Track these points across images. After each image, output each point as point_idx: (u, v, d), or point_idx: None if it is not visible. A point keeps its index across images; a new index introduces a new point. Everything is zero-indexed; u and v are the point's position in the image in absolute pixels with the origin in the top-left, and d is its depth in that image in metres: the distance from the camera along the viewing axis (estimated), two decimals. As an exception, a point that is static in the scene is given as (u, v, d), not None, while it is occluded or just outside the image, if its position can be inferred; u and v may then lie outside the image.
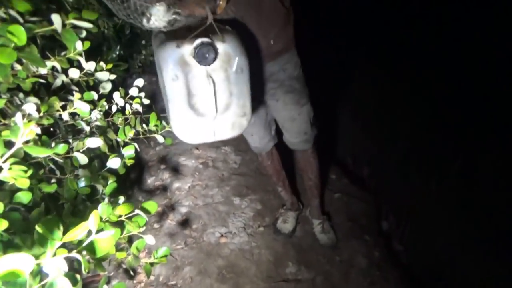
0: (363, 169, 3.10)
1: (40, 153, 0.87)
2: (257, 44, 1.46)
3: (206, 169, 2.59)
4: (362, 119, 3.66)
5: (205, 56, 1.14)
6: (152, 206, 1.18)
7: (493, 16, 3.66)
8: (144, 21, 1.23)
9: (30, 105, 1.00)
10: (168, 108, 1.27)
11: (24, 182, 0.79)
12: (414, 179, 2.92)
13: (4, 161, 0.83)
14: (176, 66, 1.16)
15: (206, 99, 1.22)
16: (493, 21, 3.61)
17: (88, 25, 1.20)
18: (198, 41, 1.14)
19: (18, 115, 0.88)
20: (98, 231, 0.75)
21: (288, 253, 2.00)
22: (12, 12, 0.99)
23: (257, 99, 1.66)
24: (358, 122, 3.63)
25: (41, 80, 1.44)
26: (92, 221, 0.71)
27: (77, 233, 0.69)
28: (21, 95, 1.43)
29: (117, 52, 2.84)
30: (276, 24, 1.45)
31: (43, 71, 1.37)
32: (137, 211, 1.17)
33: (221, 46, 1.18)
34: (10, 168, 0.80)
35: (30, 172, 0.84)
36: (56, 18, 1.07)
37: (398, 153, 3.27)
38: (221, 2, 1.27)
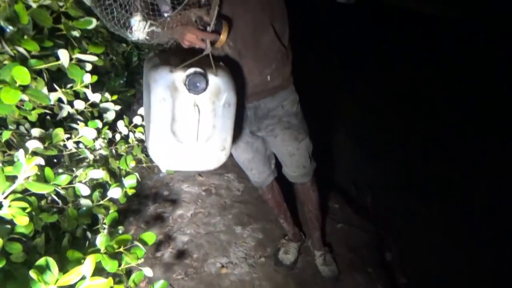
0: (366, 198, 3.08)
1: (41, 189, 0.89)
2: (254, 79, 1.49)
3: (209, 196, 2.59)
4: (363, 145, 3.66)
5: (196, 85, 1.18)
6: (150, 237, 1.19)
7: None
8: (128, 32, 1.27)
9: (33, 142, 1.02)
10: (148, 129, 1.27)
11: (23, 220, 0.80)
12: (417, 208, 2.89)
13: (5, 197, 0.84)
14: (166, 89, 1.18)
15: (188, 127, 1.24)
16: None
17: (93, 59, 1.24)
18: (192, 69, 1.18)
19: (21, 151, 0.91)
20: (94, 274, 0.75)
21: (289, 285, 1.97)
22: (21, 49, 1.02)
23: (255, 134, 1.69)
24: (359, 148, 3.63)
25: (47, 111, 1.48)
26: (87, 267, 0.71)
27: (71, 277, 0.69)
28: (27, 125, 1.47)
29: (125, 78, 2.90)
30: (274, 61, 1.48)
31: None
32: (135, 242, 1.18)
33: (213, 79, 1.21)
34: (10, 205, 0.81)
35: (29, 209, 0.85)
36: (62, 53, 1.11)
37: (401, 180, 3.25)
38: (221, 37, 1.30)
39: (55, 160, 1.48)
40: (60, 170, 1.42)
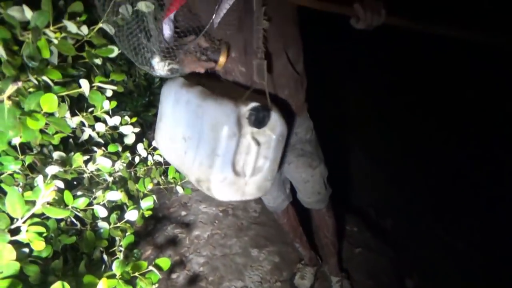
0: (386, 221, 3.02)
1: (57, 214, 0.91)
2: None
3: (226, 217, 2.59)
4: (384, 167, 3.59)
5: (261, 120, 1.19)
6: (165, 262, 1.20)
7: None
8: (151, 70, 1.32)
9: (52, 168, 1.05)
10: (210, 163, 1.23)
11: (39, 245, 0.82)
12: (439, 233, 2.81)
13: (24, 222, 0.87)
14: (236, 124, 1.17)
15: (245, 160, 1.25)
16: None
17: (113, 88, 1.29)
18: (255, 104, 1.18)
19: (40, 177, 0.94)
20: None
21: (305, 312, 1.93)
22: (44, 78, 1.07)
23: None
24: (379, 170, 3.57)
25: (70, 134, 1.53)
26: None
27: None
28: (50, 147, 1.52)
29: (147, 98, 2.97)
30: (286, 87, 1.47)
31: (72, 125, 1.45)
32: (150, 267, 1.19)
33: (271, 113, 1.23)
34: (27, 230, 0.83)
35: (46, 234, 0.87)
36: (83, 83, 1.15)
37: (423, 204, 3.17)
38: (221, 59, 1.32)
39: (75, 183, 1.52)
40: (80, 193, 1.45)
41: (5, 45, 0.83)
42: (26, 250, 0.98)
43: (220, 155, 1.19)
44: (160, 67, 1.29)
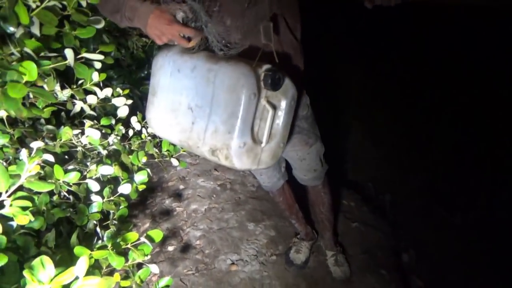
0: (384, 197, 3.02)
1: (42, 188, 0.90)
2: None
3: (224, 191, 2.60)
4: (384, 145, 3.57)
5: (276, 81, 1.13)
6: (158, 234, 1.20)
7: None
8: None
9: (36, 143, 1.04)
10: (229, 128, 1.17)
11: (23, 219, 0.82)
12: (438, 211, 2.81)
13: (9, 196, 0.86)
14: (255, 83, 1.12)
15: (260, 126, 1.20)
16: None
17: (100, 57, 1.25)
18: (269, 66, 1.14)
19: (24, 151, 0.92)
20: (88, 274, 0.76)
21: (299, 285, 1.95)
22: (28, 50, 1.03)
23: None
24: (380, 148, 3.55)
25: (61, 107, 1.51)
26: (81, 266, 0.72)
27: (64, 278, 0.70)
28: (42, 120, 1.50)
29: (145, 72, 2.92)
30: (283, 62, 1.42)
31: (60, 96, 1.43)
32: (142, 239, 1.19)
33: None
34: (11, 205, 0.83)
35: (31, 207, 0.86)
36: (68, 53, 1.12)
37: (423, 182, 3.16)
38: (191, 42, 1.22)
39: (66, 157, 1.51)
40: (72, 167, 1.45)
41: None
42: (14, 223, 0.98)
43: (240, 117, 1.13)
44: None
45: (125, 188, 1.43)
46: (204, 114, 1.21)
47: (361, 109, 3.90)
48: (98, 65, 1.32)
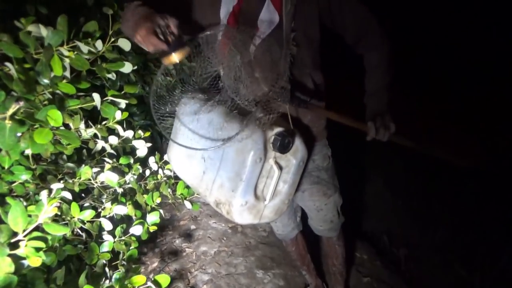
0: (400, 250, 2.92)
1: (58, 231, 0.92)
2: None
3: (235, 234, 2.57)
4: (402, 195, 3.50)
5: (285, 145, 1.18)
6: (165, 279, 1.19)
7: None
8: None
9: (57, 184, 1.07)
10: (233, 187, 1.21)
11: (36, 261, 0.83)
12: (455, 269, 2.69)
13: (25, 236, 0.88)
14: (263, 149, 1.17)
15: (265, 184, 1.25)
16: None
17: (125, 101, 1.31)
18: (280, 129, 1.18)
19: (44, 193, 0.95)
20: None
21: None
22: (58, 92, 1.09)
23: None
24: (397, 198, 3.47)
25: (83, 145, 1.56)
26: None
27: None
28: (64, 156, 1.55)
29: (167, 109, 2.98)
30: (309, 113, 1.45)
31: (84, 134, 1.48)
32: (149, 283, 1.19)
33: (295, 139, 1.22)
34: (26, 245, 0.84)
35: (44, 248, 0.88)
36: (96, 96, 1.18)
37: (441, 236, 3.06)
38: (173, 56, 1.08)
39: (83, 195, 1.54)
40: (87, 204, 1.47)
41: (18, 63, 0.86)
42: (26, 262, 1.00)
43: (244, 179, 1.18)
44: None
45: (136, 229, 1.45)
46: (214, 167, 1.26)
47: (380, 158, 3.87)
48: (122, 105, 1.37)
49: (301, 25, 1.33)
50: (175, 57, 1.05)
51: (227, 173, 1.22)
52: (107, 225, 1.39)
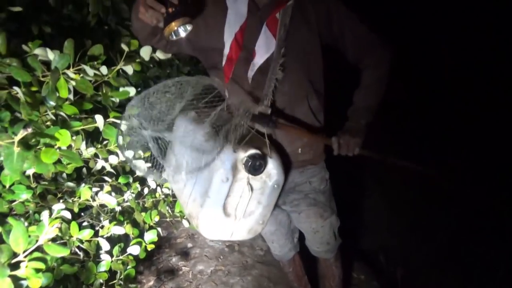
0: (397, 270, 2.91)
1: (58, 252, 0.92)
2: (282, 150, 1.48)
3: (232, 253, 2.56)
4: (399, 211, 3.49)
5: (256, 167, 1.21)
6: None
7: None
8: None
9: (58, 205, 1.08)
10: (201, 202, 1.28)
11: (36, 283, 0.83)
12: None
13: (25, 256, 0.89)
14: (230, 170, 1.21)
15: (238, 203, 1.28)
16: None
17: (127, 123, 1.32)
18: (253, 151, 1.21)
19: (45, 214, 0.96)
20: None
21: None
22: (62, 113, 1.11)
23: (280, 207, 1.65)
24: (394, 214, 3.46)
25: (83, 164, 1.57)
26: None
27: None
28: (64, 175, 1.56)
29: (166, 126, 3.00)
30: (303, 134, 1.46)
31: (85, 154, 1.49)
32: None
33: (268, 161, 1.25)
34: (26, 266, 0.85)
35: (44, 269, 0.88)
36: (98, 118, 1.20)
37: (440, 256, 3.05)
38: (173, 23, 1.12)
39: (82, 214, 1.54)
40: (86, 223, 1.48)
41: (25, 86, 0.88)
42: (25, 282, 1.00)
43: (210, 197, 1.23)
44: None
45: (134, 249, 1.46)
46: (192, 182, 1.32)
47: (376, 175, 3.88)
48: (124, 127, 1.39)
49: (297, 49, 1.36)
50: (174, 25, 1.09)
51: (200, 189, 1.29)
52: (105, 245, 1.39)
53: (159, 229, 1.62)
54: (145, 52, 1.28)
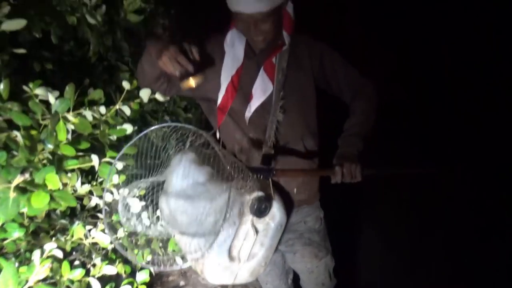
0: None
1: (47, 294, 0.92)
2: (281, 191, 1.48)
3: (224, 292, 2.50)
4: (397, 249, 3.43)
5: (262, 210, 1.22)
6: None
7: None
8: None
9: (50, 244, 1.08)
10: (209, 246, 1.24)
11: (23, 328, 0.82)
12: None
13: (14, 299, 0.88)
14: (237, 214, 1.21)
15: (242, 246, 1.27)
16: None
17: (122, 164, 1.34)
18: (258, 194, 1.22)
19: (37, 253, 0.96)
20: None
21: None
22: (59, 152, 1.12)
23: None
24: (391, 252, 3.41)
25: (77, 201, 1.56)
26: None
27: None
28: (58, 211, 1.55)
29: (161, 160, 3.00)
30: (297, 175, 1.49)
31: (80, 191, 1.49)
32: None
33: (272, 203, 1.26)
34: (15, 311, 0.84)
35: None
36: (94, 158, 1.21)
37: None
38: (191, 80, 1.24)
39: (74, 252, 1.53)
40: (77, 262, 1.46)
41: (24, 129, 0.90)
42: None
43: (217, 241, 1.20)
44: None
45: (124, 292, 1.43)
46: (194, 224, 1.28)
47: (371, 208, 3.85)
48: (120, 166, 1.40)
49: (293, 92, 1.42)
50: (192, 82, 1.21)
51: (203, 233, 1.25)
52: (96, 285, 1.36)
53: (151, 268, 1.60)
54: (145, 94, 1.31)
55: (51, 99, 0.95)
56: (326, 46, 1.48)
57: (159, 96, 1.41)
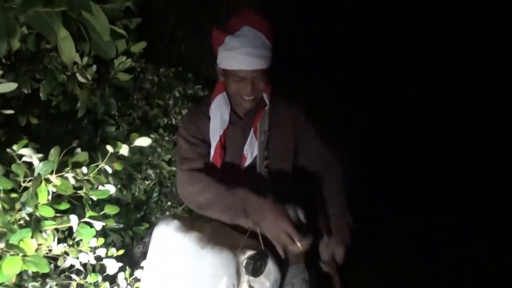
0: None
1: None
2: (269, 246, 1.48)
3: None
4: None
5: (257, 268, 1.18)
6: None
7: None
8: None
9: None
10: None
11: None
12: None
13: None
14: (235, 275, 1.17)
15: None
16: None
17: (102, 224, 1.30)
18: (252, 252, 1.19)
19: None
20: None
21: None
22: (37, 214, 1.09)
23: None
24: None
25: (51, 261, 1.49)
26: None
27: None
28: (29, 272, 1.47)
29: (142, 212, 2.93)
30: None
31: (55, 250, 1.43)
32: None
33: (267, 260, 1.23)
34: None
35: None
36: (73, 219, 1.18)
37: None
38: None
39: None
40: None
41: (5, 192, 0.88)
42: None
43: None
44: None
45: None
46: None
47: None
48: (99, 227, 1.36)
49: (275, 151, 1.45)
50: (301, 248, 1.19)
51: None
52: None
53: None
54: (125, 150, 1.30)
55: (35, 161, 0.94)
56: (305, 112, 1.55)
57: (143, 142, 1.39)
